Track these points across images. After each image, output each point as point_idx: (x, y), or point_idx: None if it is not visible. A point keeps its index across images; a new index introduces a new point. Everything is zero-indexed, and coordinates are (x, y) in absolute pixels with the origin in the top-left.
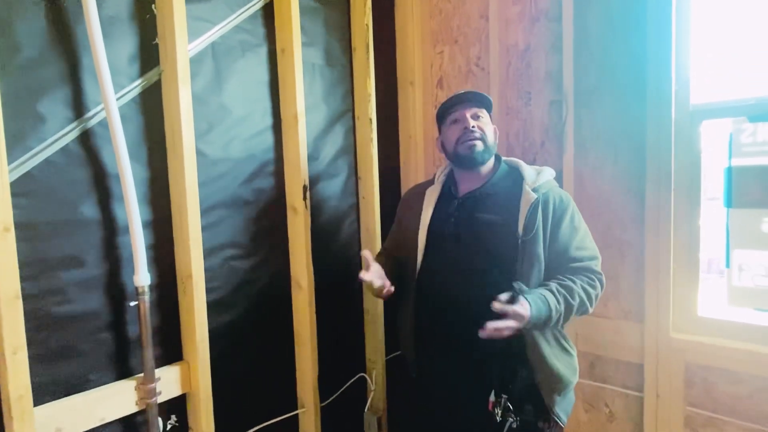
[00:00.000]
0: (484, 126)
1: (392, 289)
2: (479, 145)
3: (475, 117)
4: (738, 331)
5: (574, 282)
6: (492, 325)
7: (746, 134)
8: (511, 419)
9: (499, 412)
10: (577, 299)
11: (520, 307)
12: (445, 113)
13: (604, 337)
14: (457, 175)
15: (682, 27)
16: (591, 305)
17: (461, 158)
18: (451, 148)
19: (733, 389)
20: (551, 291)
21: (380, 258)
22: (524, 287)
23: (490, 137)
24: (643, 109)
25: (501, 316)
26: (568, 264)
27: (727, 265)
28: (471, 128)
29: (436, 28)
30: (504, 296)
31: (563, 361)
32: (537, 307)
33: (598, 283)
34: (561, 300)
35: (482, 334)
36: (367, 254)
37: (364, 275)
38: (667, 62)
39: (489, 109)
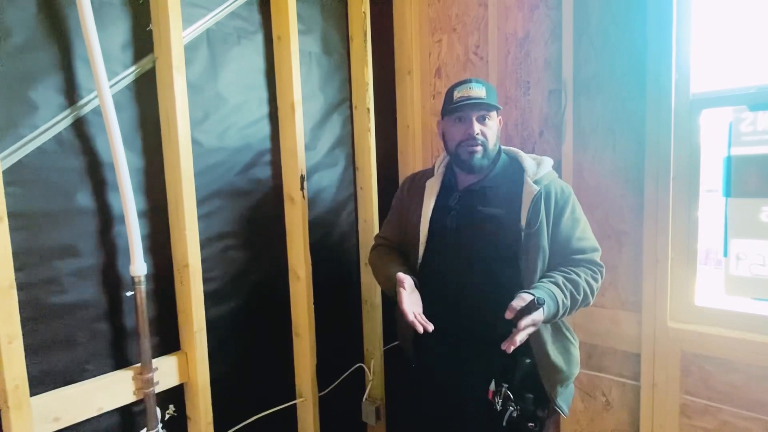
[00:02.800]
0: (489, 130)
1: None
2: (479, 152)
3: (482, 120)
4: (735, 321)
5: (578, 275)
6: (518, 339)
7: (746, 123)
8: (511, 408)
9: (500, 401)
10: (582, 294)
11: (538, 315)
12: (453, 107)
13: (602, 327)
14: (456, 169)
15: (683, 15)
16: (593, 297)
17: (460, 161)
18: (452, 148)
19: (729, 378)
20: (558, 286)
21: (387, 249)
22: (543, 300)
23: (492, 142)
24: (643, 98)
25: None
26: (571, 255)
27: (725, 255)
28: (475, 135)
29: (434, 16)
30: (517, 303)
31: (567, 353)
32: (548, 306)
33: (599, 276)
34: (568, 295)
35: (506, 347)
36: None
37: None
38: (667, 51)
39: (498, 110)
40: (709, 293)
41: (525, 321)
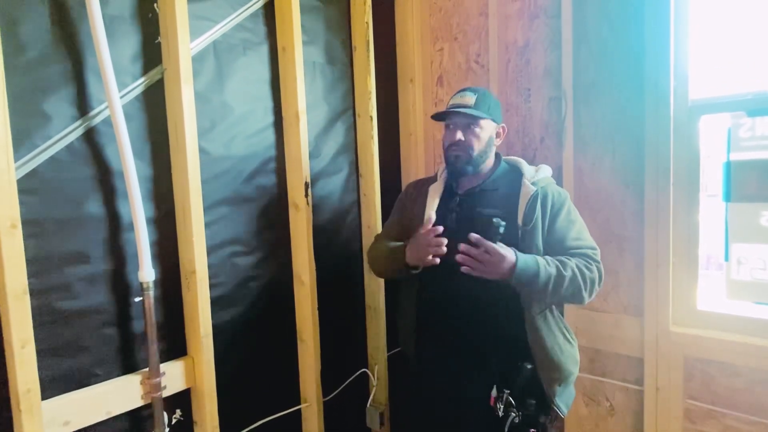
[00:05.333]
0: (474, 138)
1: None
2: (461, 157)
3: (466, 128)
4: (737, 325)
5: (568, 258)
6: (463, 246)
7: (744, 129)
8: (513, 414)
9: (501, 407)
10: (569, 272)
11: (502, 248)
12: (440, 115)
13: (604, 331)
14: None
15: (681, 22)
16: (585, 288)
17: (448, 164)
18: (444, 151)
19: (732, 382)
20: (543, 257)
21: (384, 241)
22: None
23: (478, 148)
24: (642, 104)
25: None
26: (566, 251)
27: (726, 259)
28: (456, 141)
29: (436, 25)
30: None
31: (564, 351)
32: (524, 259)
33: (594, 268)
34: (552, 265)
35: (458, 257)
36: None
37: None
38: (665, 57)
39: (495, 117)
40: (710, 297)
41: (484, 241)
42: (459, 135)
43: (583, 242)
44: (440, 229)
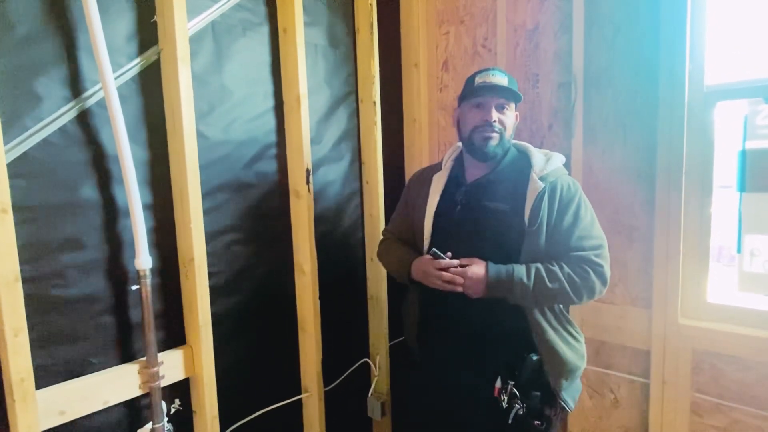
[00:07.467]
0: (506, 119)
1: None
2: (495, 139)
3: (500, 108)
4: (748, 318)
5: (560, 267)
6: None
7: (762, 116)
8: (517, 406)
9: (505, 398)
10: (556, 284)
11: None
12: (472, 91)
13: (611, 323)
14: (466, 160)
15: (698, 4)
16: (578, 298)
17: (473, 148)
18: (466, 133)
19: (742, 376)
20: (526, 266)
21: (396, 240)
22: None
23: (509, 133)
24: (656, 90)
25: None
26: (568, 252)
27: (739, 251)
28: (492, 121)
29: (442, 7)
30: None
31: (569, 346)
32: (496, 269)
33: (591, 273)
34: (533, 275)
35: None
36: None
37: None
38: (681, 42)
39: (518, 101)
40: (721, 290)
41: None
42: (495, 115)
43: (588, 241)
44: (443, 262)
